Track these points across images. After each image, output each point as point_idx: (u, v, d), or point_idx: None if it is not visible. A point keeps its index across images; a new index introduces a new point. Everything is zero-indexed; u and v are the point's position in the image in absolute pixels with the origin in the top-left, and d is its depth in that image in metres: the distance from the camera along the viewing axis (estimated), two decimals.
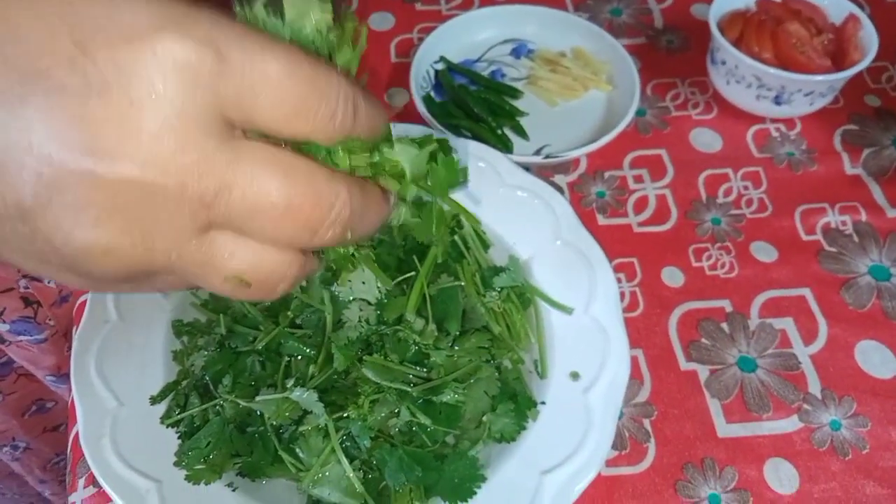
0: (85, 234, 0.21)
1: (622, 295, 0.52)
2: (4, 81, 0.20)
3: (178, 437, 0.43)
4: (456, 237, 0.50)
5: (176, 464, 0.41)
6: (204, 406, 0.43)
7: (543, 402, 0.45)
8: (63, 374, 0.66)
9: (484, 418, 0.43)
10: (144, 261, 0.23)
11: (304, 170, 0.23)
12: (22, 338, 0.60)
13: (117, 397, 0.43)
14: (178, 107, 0.21)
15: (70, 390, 0.68)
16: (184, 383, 0.45)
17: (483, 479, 0.41)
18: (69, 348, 0.64)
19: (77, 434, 0.43)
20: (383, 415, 0.42)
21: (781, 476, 0.45)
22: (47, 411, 0.72)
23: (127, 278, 0.23)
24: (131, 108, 0.20)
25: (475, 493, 0.40)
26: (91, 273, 0.22)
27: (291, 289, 0.26)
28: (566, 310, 0.48)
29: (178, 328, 0.47)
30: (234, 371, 0.44)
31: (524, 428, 0.43)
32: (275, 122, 0.22)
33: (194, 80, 0.21)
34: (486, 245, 0.52)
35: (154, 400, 0.43)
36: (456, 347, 0.45)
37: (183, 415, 0.42)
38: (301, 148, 0.24)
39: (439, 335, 0.45)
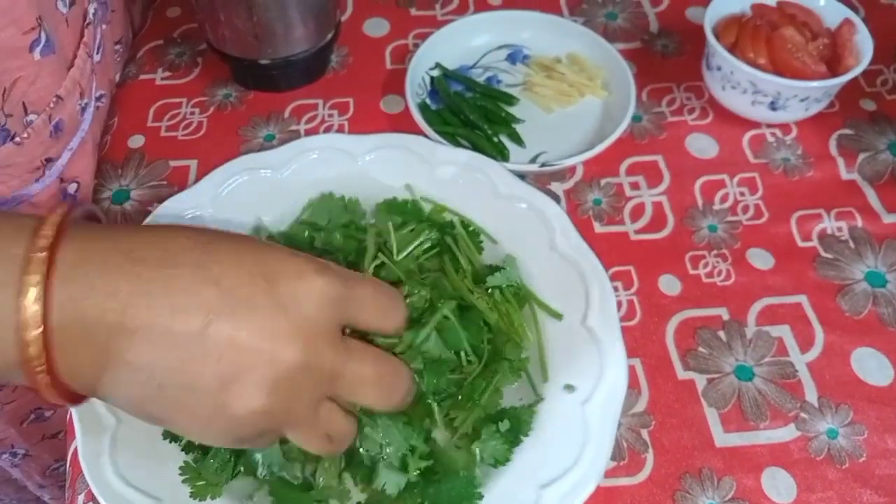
0: (259, 402, 0.31)
1: (619, 304, 0.52)
2: (223, 303, 0.31)
3: (182, 451, 0.43)
4: (447, 237, 0.51)
5: (184, 481, 0.41)
6: None
7: (543, 399, 0.45)
8: None
9: (472, 447, 0.43)
10: (283, 421, 0.33)
11: (383, 356, 0.38)
12: None
13: (116, 415, 0.43)
14: (325, 321, 0.33)
15: None
16: None
17: (480, 496, 0.41)
18: None
19: (76, 450, 0.43)
20: None
21: (779, 485, 0.45)
22: (46, 420, 0.72)
23: (258, 435, 0.33)
24: (303, 320, 0.32)
25: None
26: (240, 432, 0.33)
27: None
28: (557, 315, 0.48)
29: None
30: None
31: (516, 444, 0.43)
32: (367, 322, 0.37)
33: (334, 304, 0.34)
34: (479, 247, 0.52)
35: None
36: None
37: None
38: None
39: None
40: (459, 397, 0.44)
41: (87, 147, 0.56)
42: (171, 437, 0.43)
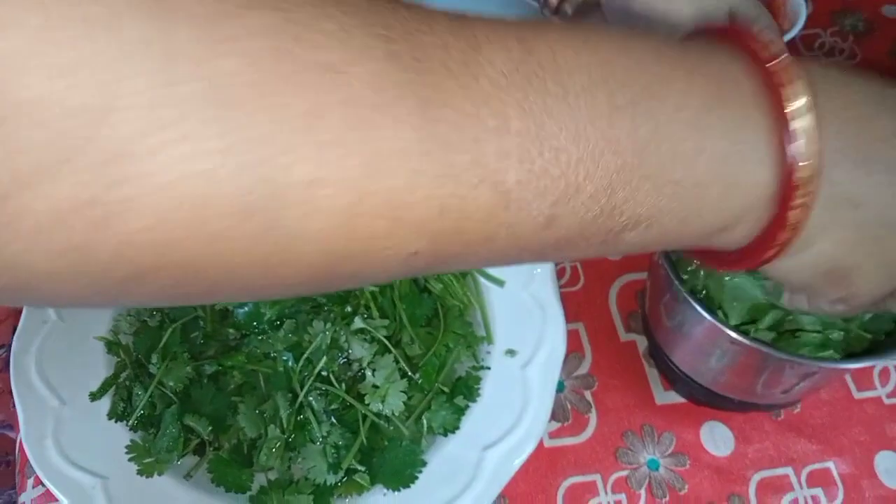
0: None
1: (563, 270, 0.53)
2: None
3: (131, 430, 0.43)
4: None
5: (130, 459, 0.42)
6: (149, 392, 0.43)
7: (488, 368, 0.46)
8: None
9: (423, 417, 0.44)
10: None
11: None
12: None
13: (59, 396, 0.43)
14: None
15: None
16: (123, 375, 0.45)
17: (423, 463, 0.42)
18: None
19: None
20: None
21: (717, 438, 0.47)
22: None
23: None
24: None
25: (416, 478, 0.41)
26: None
27: None
28: (498, 282, 0.49)
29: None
30: (162, 344, 0.45)
31: (463, 413, 0.44)
32: None
33: None
34: None
35: (94, 396, 0.44)
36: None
37: (136, 413, 0.43)
38: None
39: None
40: (415, 377, 0.45)
41: None
42: (116, 416, 0.44)
